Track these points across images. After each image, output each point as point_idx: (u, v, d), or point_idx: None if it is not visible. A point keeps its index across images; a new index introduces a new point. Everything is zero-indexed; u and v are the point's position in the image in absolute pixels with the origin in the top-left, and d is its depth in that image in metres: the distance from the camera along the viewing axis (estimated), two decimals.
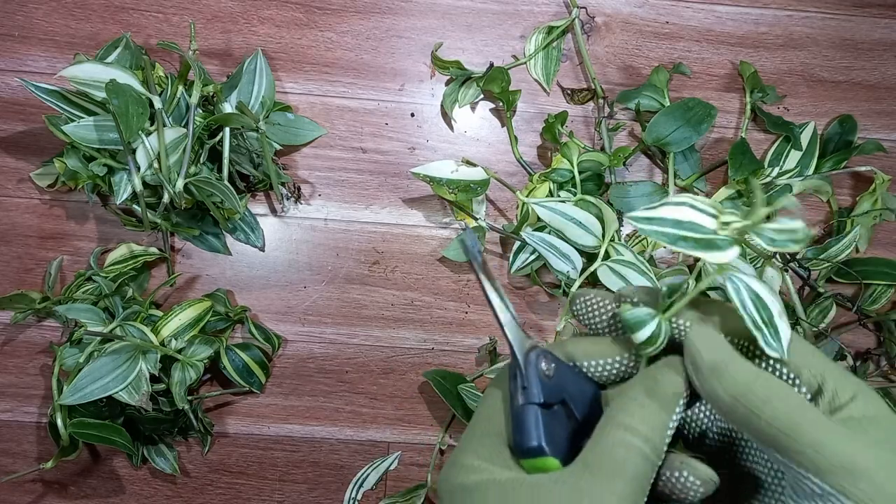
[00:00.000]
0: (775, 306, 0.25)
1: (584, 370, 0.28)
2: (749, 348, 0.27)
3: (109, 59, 0.55)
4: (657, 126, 0.59)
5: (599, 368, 0.28)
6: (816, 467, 0.23)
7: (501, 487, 0.25)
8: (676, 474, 0.26)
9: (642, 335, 0.26)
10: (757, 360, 0.26)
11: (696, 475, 0.26)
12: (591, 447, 0.25)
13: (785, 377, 0.25)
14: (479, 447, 0.27)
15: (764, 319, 0.25)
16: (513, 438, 0.26)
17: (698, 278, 0.55)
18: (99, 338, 0.53)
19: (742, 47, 0.65)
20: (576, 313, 0.30)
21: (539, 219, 0.57)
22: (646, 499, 0.25)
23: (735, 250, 0.24)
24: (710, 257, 0.24)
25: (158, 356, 0.54)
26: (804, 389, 0.25)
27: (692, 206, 0.24)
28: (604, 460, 0.24)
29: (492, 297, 0.27)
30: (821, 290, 0.62)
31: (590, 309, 0.29)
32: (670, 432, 0.26)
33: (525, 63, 0.64)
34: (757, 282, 0.26)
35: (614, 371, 0.28)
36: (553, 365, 0.27)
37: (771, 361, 0.26)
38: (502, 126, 0.64)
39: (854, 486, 0.22)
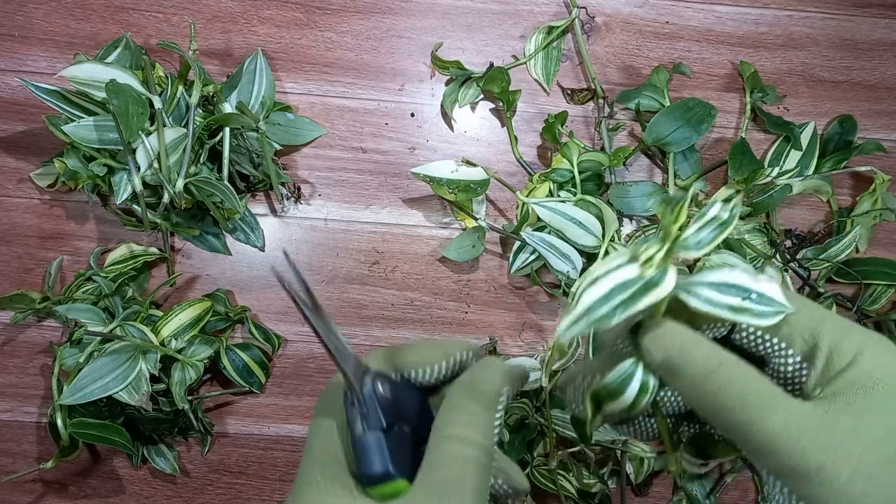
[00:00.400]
0: (744, 277, 0.24)
1: (411, 379, 0.28)
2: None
3: (109, 59, 0.55)
4: (657, 126, 0.59)
5: (426, 375, 0.28)
6: (770, 470, 0.22)
7: None
8: (491, 480, 0.26)
9: (631, 393, 0.25)
10: (739, 335, 0.25)
11: (510, 483, 0.27)
12: (428, 467, 0.25)
13: (774, 345, 0.24)
14: (323, 481, 0.25)
15: (739, 302, 0.24)
16: (358, 467, 0.26)
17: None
18: (99, 338, 0.53)
19: (742, 47, 0.65)
20: (568, 402, 0.29)
21: (539, 219, 0.57)
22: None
23: (671, 275, 0.23)
24: (654, 296, 0.23)
25: (158, 356, 0.54)
26: (797, 358, 0.24)
27: (607, 273, 0.24)
28: (444, 480, 0.24)
29: (316, 326, 0.26)
30: (821, 290, 0.62)
31: (578, 392, 0.28)
32: (497, 430, 0.26)
33: (525, 63, 0.64)
34: (715, 272, 0.25)
35: (441, 376, 0.28)
36: (388, 386, 0.27)
37: (756, 333, 0.25)
38: (502, 126, 0.64)
39: (809, 490, 0.21)
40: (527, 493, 0.27)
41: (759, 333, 0.25)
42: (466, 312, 0.63)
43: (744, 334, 0.25)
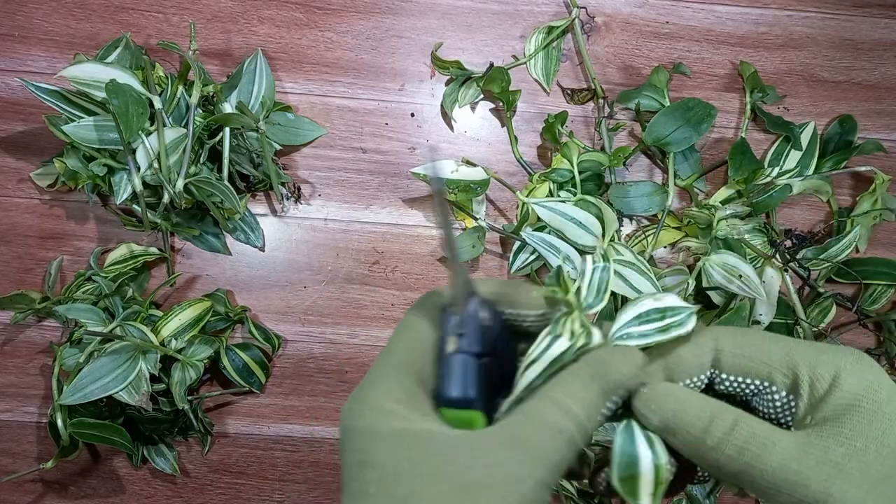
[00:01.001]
0: (650, 302, 0.27)
1: (512, 317, 0.27)
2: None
3: (109, 59, 0.55)
4: (657, 126, 0.59)
5: (522, 318, 0.27)
6: None
7: (419, 439, 0.23)
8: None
9: (646, 462, 0.25)
10: (722, 385, 0.26)
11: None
12: (521, 418, 0.23)
13: (758, 386, 0.25)
14: (395, 387, 0.24)
15: (662, 323, 0.26)
16: (441, 385, 0.24)
17: (698, 277, 0.55)
18: (99, 338, 0.53)
19: (742, 47, 0.65)
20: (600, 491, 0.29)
21: (539, 219, 0.57)
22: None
23: (596, 335, 0.25)
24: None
25: (158, 356, 0.54)
26: (783, 393, 0.25)
27: (542, 353, 0.25)
28: (532, 439, 0.23)
29: (450, 235, 0.25)
30: (821, 290, 0.62)
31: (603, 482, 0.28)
32: (602, 419, 0.25)
33: (525, 63, 0.64)
34: (627, 311, 0.27)
35: (535, 324, 0.27)
36: (490, 314, 0.25)
37: (738, 379, 0.26)
38: (502, 126, 0.64)
39: None
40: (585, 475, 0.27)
41: (740, 379, 0.26)
42: None
43: (726, 383, 0.26)
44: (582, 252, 0.56)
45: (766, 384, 0.25)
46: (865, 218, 0.62)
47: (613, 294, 0.60)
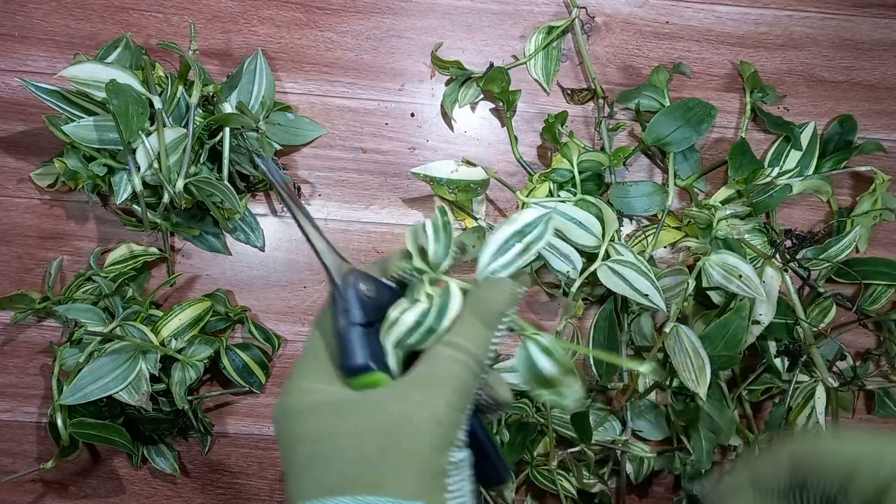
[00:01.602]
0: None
1: (400, 277, 0.30)
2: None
3: (109, 59, 0.55)
4: (657, 126, 0.59)
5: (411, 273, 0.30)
6: None
7: (334, 406, 0.26)
8: (483, 396, 0.29)
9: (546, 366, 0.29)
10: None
11: (494, 396, 0.30)
12: (419, 365, 0.27)
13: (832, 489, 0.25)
14: (310, 371, 0.28)
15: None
16: (340, 359, 0.27)
17: (698, 277, 0.55)
18: (99, 338, 0.53)
19: (742, 47, 0.65)
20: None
21: None
22: (470, 406, 0.27)
23: (455, 289, 0.28)
24: (452, 312, 0.28)
25: (158, 356, 0.54)
26: (836, 485, 0.24)
27: (399, 317, 0.28)
28: (430, 374, 0.26)
29: (304, 224, 0.28)
30: (821, 290, 0.62)
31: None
32: (494, 348, 0.28)
33: (525, 63, 0.64)
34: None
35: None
36: (371, 285, 0.28)
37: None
38: (502, 126, 0.64)
39: None
40: (510, 405, 0.30)
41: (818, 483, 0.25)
42: None
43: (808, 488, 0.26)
44: (581, 252, 0.57)
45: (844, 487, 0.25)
46: (865, 218, 0.62)
47: (614, 294, 0.60)
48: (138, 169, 0.52)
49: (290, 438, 0.26)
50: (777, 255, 0.56)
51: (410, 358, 0.28)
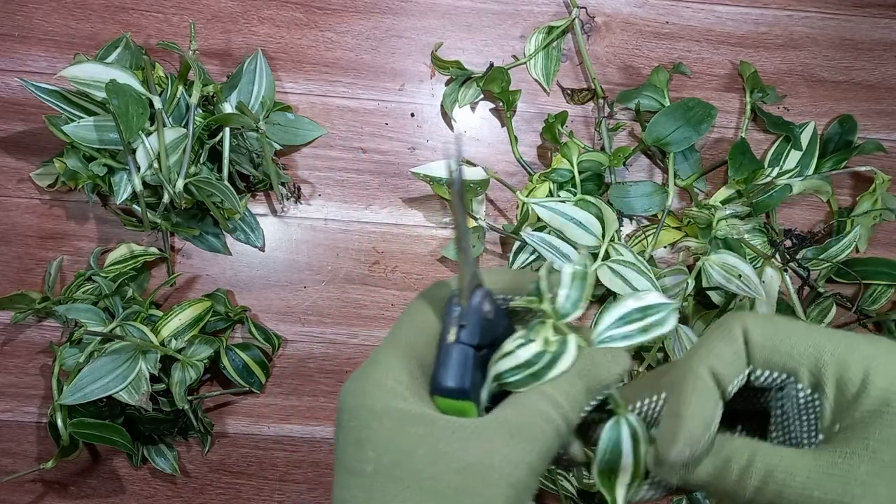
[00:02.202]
0: (631, 303, 0.27)
1: (514, 306, 0.28)
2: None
3: (109, 59, 0.55)
4: (657, 126, 0.59)
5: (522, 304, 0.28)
6: None
7: (418, 422, 0.24)
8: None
9: (627, 458, 0.26)
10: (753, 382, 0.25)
11: (570, 455, 0.27)
12: (512, 410, 0.25)
13: (784, 380, 0.24)
14: (398, 369, 0.25)
15: (643, 324, 0.27)
16: (437, 373, 0.25)
17: (697, 277, 0.55)
18: (99, 338, 0.53)
19: (742, 47, 0.65)
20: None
21: (539, 219, 0.57)
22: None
23: (572, 344, 0.26)
24: (563, 364, 0.25)
25: (158, 356, 0.54)
26: (807, 391, 0.24)
27: (513, 351, 0.26)
28: (523, 427, 0.24)
29: (462, 225, 0.25)
30: (821, 290, 0.62)
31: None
32: (584, 414, 0.26)
33: (525, 63, 0.64)
34: (609, 313, 0.28)
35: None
36: (492, 308, 0.26)
37: (759, 373, 0.24)
38: (502, 126, 0.64)
39: None
40: (578, 464, 0.28)
41: (767, 372, 0.24)
42: None
43: (755, 374, 0.25)
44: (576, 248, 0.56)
45: (790, 379, 0.24)
46: (865, 218, 0.62)
47: (614, 294, 0.60)
48: (138, 169, 0.52)
49: (359, 435, 0.24)
50: (777, 255, 0.56)
51: (496, 395, 0.26)
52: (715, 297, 0.59)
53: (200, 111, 0.55)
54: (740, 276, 0.52)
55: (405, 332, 0.26)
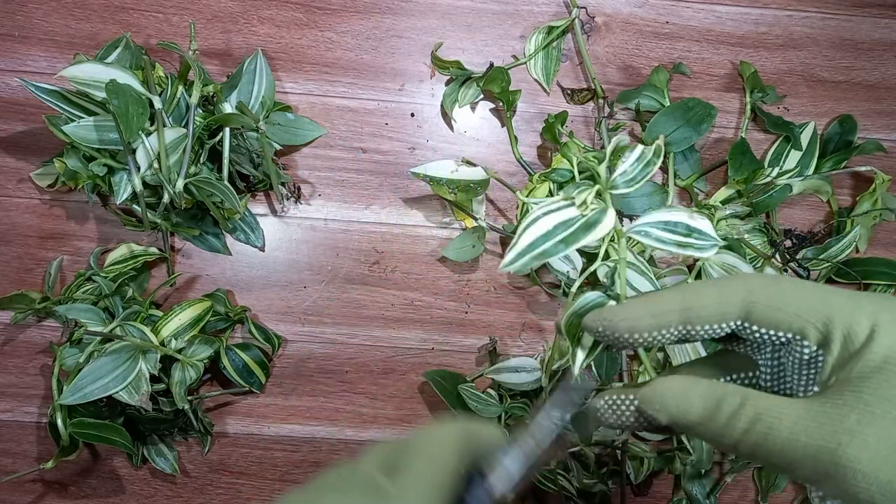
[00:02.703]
0: (683, 215, 0.27)
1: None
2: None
3: (109, 59, 0.55)
4: (657, 126, 0.59)
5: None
6: (801, 480, 0.22)
7: None
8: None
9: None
10: (751, 335, 0.25)
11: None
12: None
13: (789, 338, 0.24)
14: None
15: (683, 239, 0.27)
16: None
17: (697, 277, 0.55)
18: (99, 338, 0.53)
19: (742, 47, 0.65)
20: (601, 415, 0.28)
21: None
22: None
23: (610, 214, 0.25)
24: (597, 233, 0.25)
25: (158, 356, 0.54)
26: (813, 347, 0.24)
27: (547, 213, 0.26)
28: None
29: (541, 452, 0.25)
30: None
31: (614, 409, 0.28)
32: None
33: (525, 63, 0.64)
34: (657, 213, 0.27)
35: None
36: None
37: (768, 332, 0.24)
38: (502, 126, 0.64)
39: (839, 489, 0.20)
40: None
41: (771, 331, 0.24)
42: (466, 312, 0.63)
43: (756, 335, 0.25)
44: (581, 252, 0.56)
45: (797, 337, 0.24)
46: (865, 218, 0.62)
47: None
48: (138, 169, 0.52)
49: None
50: (777, 255, 0.56)
51: None
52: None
53: (200, 111, 0.55)
54: None
55: (424, 467, 0.23)
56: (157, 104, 0.52)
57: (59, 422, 0.54)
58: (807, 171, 0.62)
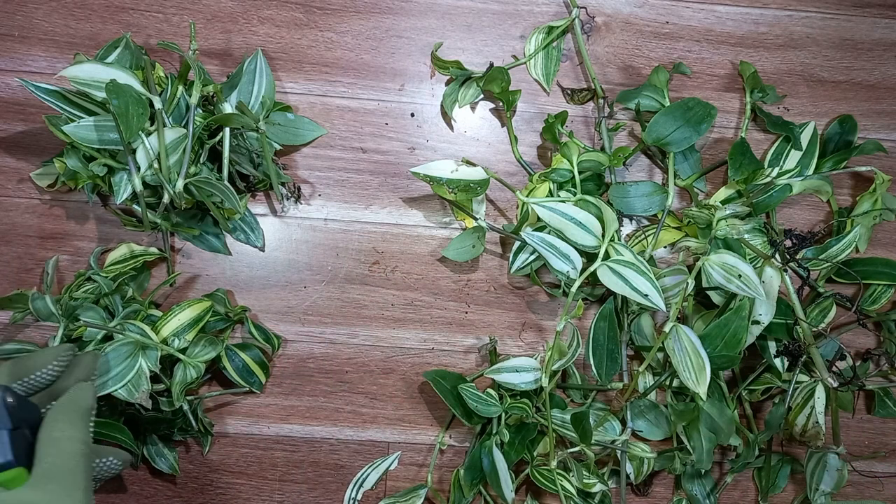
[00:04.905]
0: None
1: (32, 381, 0.38)
2: None
3: (109, 59, 0.55)
4: (657, 126, 0.59)
5: (42, 377, 0.39)
6: None
7: None
8: (105, 461, 0.38)
9: None
10: None
11: (119, 458, 0.39)
12: (44, 459, 0.33)
13: None
14: None
15: None
16: None
17: (697, 277, 0.55)
18: (99, 336, 0.53)
19: (742, 47, 0.65)
20: None
21: (539, 219, 0.57)
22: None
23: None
24: None
25: (158, 354, 0.54)
26: None
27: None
28: (59, 467, 0.33)
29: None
30: (821, 290, 0.62)
31: None
32: (91, 431, 0.36)
33: (525, 63, 0.64)
34: None
35: (51, 375, 0.39)
36: (13, 397, 0.35)
37: None
38: (502, 126, 0.64)
39: None
40: (131, 462, 0.39)
41: None
42: (466, 312, 0.63)
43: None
44: (581, 252, 0.57)
45: None
46: (865, 218, 0.62)
47: (613, 293, 0.60)
48: (138, 169, 0.52)
49: None
50: (777, 255, 0.56)
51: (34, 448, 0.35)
52: (715, 297, 0.59)
53: (200, 111, 0.55)
54: (740, 276, 0.52)
55: None
56: (157, 104, 0.52)
57: None
58: (807, 171, 0.62)
